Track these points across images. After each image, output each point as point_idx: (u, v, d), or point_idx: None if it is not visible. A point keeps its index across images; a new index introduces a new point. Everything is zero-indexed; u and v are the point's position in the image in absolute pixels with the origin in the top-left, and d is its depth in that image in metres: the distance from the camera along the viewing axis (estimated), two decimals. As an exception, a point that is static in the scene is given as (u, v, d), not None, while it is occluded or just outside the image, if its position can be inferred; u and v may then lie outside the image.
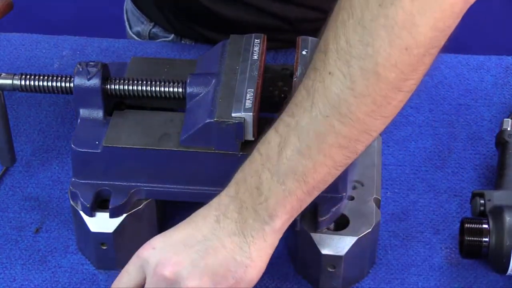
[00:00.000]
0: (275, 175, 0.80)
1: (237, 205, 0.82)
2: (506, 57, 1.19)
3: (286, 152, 0.79)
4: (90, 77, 0.93)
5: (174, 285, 0.81)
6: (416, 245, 0.98)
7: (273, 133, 0.81)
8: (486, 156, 1.07)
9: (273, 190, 0.80)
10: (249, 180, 0.81)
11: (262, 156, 0.81)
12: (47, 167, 1.06)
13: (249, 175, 0.82)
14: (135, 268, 0.84)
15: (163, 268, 0.82)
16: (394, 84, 0.76)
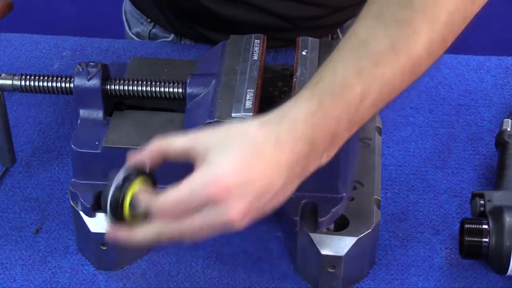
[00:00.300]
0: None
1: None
2: (506, 58, 1.19)
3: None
4: (90, 77, 0.93)
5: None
6: (416, 245, 0.98)
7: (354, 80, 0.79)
8: (486, 157, 1.07)
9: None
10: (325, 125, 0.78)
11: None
12: (47, 167, 1.06)
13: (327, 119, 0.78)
14: (200, 200, 0.77)
15: (230, 213, 0.77)
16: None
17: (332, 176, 0.90)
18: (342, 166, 0.90)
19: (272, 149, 0.77)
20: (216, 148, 0.78)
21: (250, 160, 0.76)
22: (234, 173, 0.76)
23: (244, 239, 0.98)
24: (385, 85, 0.81)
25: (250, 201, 0.76)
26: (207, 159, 0.77)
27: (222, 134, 0.79)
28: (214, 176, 0.76)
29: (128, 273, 0.96)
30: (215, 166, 0.77)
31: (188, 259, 0.97)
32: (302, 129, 0.77)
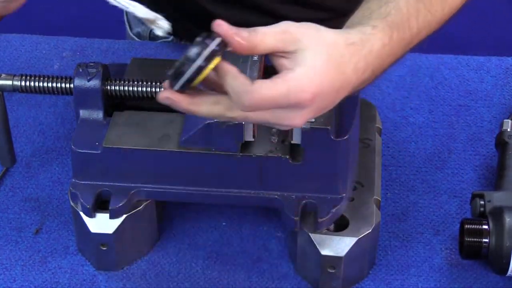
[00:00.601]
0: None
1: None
2: (506, 58, 1.19)
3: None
4: (90, 78, 0.93)
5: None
6: (416, 246, 0.98)
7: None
8: (486, 157, 1.07)
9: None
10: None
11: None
12: (47, 168, 1.06)
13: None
14: (289, 103, 0.77)
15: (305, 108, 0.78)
16: None
17: (332, 176, 0.90)
18: (342, 166, 0.90)
19: (351, 71, 0.79)
20: (309, 51, 0.77)
21: (334, 77, 0.78)
22: (322, 85, 0.77)
23: (244, 239, 0.98)
24: (429, 32, 0.86)
25: (318, 111, 0.79)
26: (301, 59, 0.77)
27: (314, 37, 0.78)
28: (310, 82, 0.76)
29: (128, 274, 0.96)
30: (310, 72, 0.76)
31: (188, 259, 0.97)
32: (373, 59, 0.81)
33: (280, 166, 0.90)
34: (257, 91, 0.75)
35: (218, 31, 0.76)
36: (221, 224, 1.00)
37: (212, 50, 0.75)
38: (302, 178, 0.90)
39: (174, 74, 0.76)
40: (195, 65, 0.75)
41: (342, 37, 0.79)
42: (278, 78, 0.76)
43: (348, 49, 0.79)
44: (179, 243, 0.98)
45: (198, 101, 0.78)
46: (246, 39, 0.76)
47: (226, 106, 0.78)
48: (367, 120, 1.01)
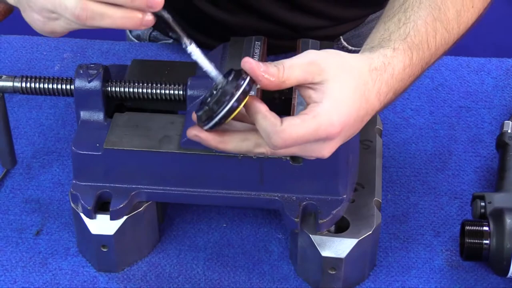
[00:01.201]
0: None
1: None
2: (507, 60, 1.19)
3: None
4: (90, 79, 0.93)
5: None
6: (416, 247, 0.98)
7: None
8: (486, 159, 1.07)
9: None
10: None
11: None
12: (47, 169, 1.06)
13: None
14: (317, 138, 0.78)
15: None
16: None
17: (333, 178, 0.90)
18: (342, 168, 0.90)
19: (374, 97, 0.80)
20: (335, 81, 0.77)
21: (360, 106, 0.78)
22: (350, 116, 0.78)
23: (244, 241, 0.98)
24: (445, 50, 0.87)
25: (344, 140, 0.80)
26: (329, 91, 0.77)
27: (339, 66, 0.78)
28: (338, 115, 0.77)
29: (129, 275, 0.96)
30: (338, 104, 0.77)
31: (189, 261, 0.97)
32: (395, 83, 0.81)
33: (281, 168, 0.90)
34: (287, 131, 0.76)
35: (247, 68, 0.76)
36: (221, 226, 1.00)
37: (243, 90, 0.75)
38: (302, 180, 0.90)
39: (204, 115, 0.76)
40: (227, 107, 0.75)
41: (366, 63, 0.80)
42: (306, 115, 0.77)
43: (371, 75, 0.79)
44: (179, 244, 0.98)
45: (227, 140, 0.79)
46: (276, 76, 0.76)
47: (254, 143, 0.79)
48: (368, 122, 1.01)
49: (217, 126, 0.77)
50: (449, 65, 1.18)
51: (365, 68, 0.79)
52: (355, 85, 0.78)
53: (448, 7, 0.86)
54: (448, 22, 0.86)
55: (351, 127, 0.79)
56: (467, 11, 0.88)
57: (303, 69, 0.77)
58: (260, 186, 0.91)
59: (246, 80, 0.75)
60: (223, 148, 0.79)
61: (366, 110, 0.79)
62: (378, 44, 0.83)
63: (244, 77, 0.75)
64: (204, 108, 0.76)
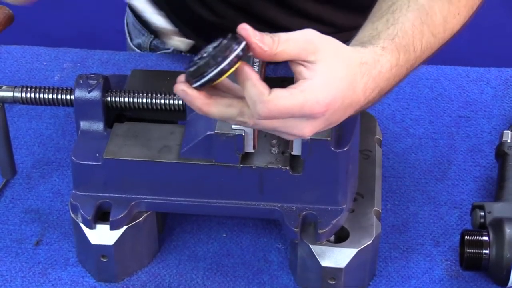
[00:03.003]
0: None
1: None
2: (506, 69, 1.19)
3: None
4: (90, 89, 0.93)
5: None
6: (416, 257, 0.98)
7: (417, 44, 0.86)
8: (486, 168, 1.07)
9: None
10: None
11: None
12: (47, 179, 1.06)
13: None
14: (302, 113, 0.78)
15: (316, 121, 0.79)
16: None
17: (332, 188, 0.90)
18: (342, 178, 0.90)
19: (360, 90, 0.80)
20: (328, 63, 0.78)
21: (346, 93, 0.79)
22: (335, 99, 0.78)
23: (244, 251, 0.98)
24: (430, 54, 0.87)
25: (325, 125, 0.79)
26: (320, 70, 0.77)
27: (334, 51, 0.79)
28: (325, 94, 0.77)
29: (128, 285, 0.95)
30: (326, 84, 0.77)
31: (189, 271, 0.97)
32: (381, 81, 0.82)
33: (281, 178, 0.90)
34: (274, 102, 0.76)
35: (242, 34, 0.76)
36: (221, 236, 1.00)
37: (237, 54, 0.75)
38: (302, 190, 0.91)
39: (194, 72, 0.76)
40: (219, 67, 0.75)
41: (357, 55, 0.80)
42: (295, 89, 0.77)
43: (361, 68, 0.80)
44: (179, 254, 0.98)
45: (212, 102, 0.78)
46: (269, 47, 0.76)
47: (239, 111, 0.78)
48: (367, 132, 1.01)
49: (205, 86, 0.76)
50: (448, 75, 1.18)
51: (356, 59, 0.80)
52: (345, 73, 0.78)
53: (435, 12, 0.87)
54: (434, 27, 0.87)
55: (335, 112, 0.79)
56: (453, 17, 0.89)
57: (299, 45, 0.77)
58: (259, 196, 0.91)
59: (241, 45, 0.75)
60: (206, 111, 0.78)
61: (351, 101, 0.79)
62: (368, 41, 0.83)
63: (239, 41, 0.75)
64: (196, 65, 0.76)
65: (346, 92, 0.78)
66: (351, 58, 0.80)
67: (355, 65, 0.80)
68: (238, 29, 0.76)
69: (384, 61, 0.82)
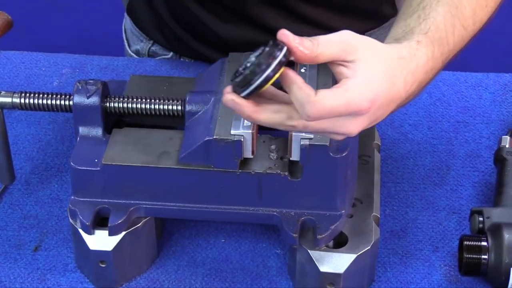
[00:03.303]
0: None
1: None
2: (504, 75, 1.19)
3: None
4: (89, 95, 0.93)
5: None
6: (415, 262, 0.98)
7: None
8: (484, 174, 1.07)
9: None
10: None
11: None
12: (46, 185, 1.06)
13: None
14: (348, 112, 0.80)
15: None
16: None
17: (331, 193, 0.90)
18: (341, 183, 0.90)
19: (401, 85, 0.82)
20: (367, 61, 0.80)
21: (388, 89, 0.81)
22: (378, 95, 0.80)
23: (243, 256, 0.98)
24: (462, 46, 0.90)
25: (371, 121, 0.82)
26: (360, 69, 0.80)
27: (371, 49, 0.81)
28: (369, 91, 0.79)
29: (127, 291, 0.95)
30: (368, 81, 0.79)
31: (187, 277, 0.97)
32: (419, 74, 0.84)
33: (279, 183, 0.90)
34: (321, 102, 0.78)
35: (283, 40, 0.78)
36: (220, 241, 1.00)
37: (280, 60, 0.77)
38: (301, 195, 0.91)
39: (241, 82, 0.77)
40: (264, 75, 0.76)
41: (394, 51, 0.83)
42: (339, 88, 0.79)
43: (399, 63, 0.82)
44: (178, 260, 0.98)
45: (261, 109, 0.79)
46: (310, 50, 0.78)
47: (287, 115, 0.80)
48: (366, 137, 1.01)
49: (252, 94, 0.78)
50: (447, 80, 1.18)
51: (393, 55, 0.82)
52: (385, 69, 0.81)
53: (464, 5, 0.89)
54: (465, 20, 0.89)
55: (379, 108, 0.81)
56: (482, 9, 0.91)
57: (337, 47, 0.79)
58: (258, 201, 0.92)
59: (283, 51, 0.77)
60: (256, 118, 0.80)
61: (393, 96, 0.82)
62: (402, 37, 0.86)
63: (281, 47, 0.77)
64: (242, 75, 0.78)
65: (387, 87, 0.81)
66: (389, 55, 0.82)
67: (393, 61, 0.82)
68: (278, 35, 0.78)
69: (420, 55, 0.84)
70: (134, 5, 1.23)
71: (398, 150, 1.10)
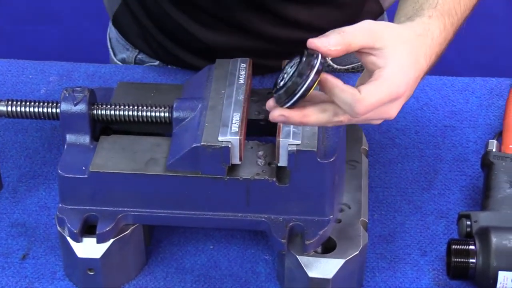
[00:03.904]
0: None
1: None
2: (491, 79, 1.19)
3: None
4: (76, 102, 0.93)
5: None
6: (403, 267, 0.98)
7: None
8: (472, 178, 1.07)
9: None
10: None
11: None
12: (34, 193, 1.06)
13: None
14: (390, 100, 0.84)
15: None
16: None
17: (319, 199, 0.91)
18: (328, 189, 0.91)
19: (423, 60, 0.88)
20: (394, 47, 0.85)
21: (415, 67, 0.86)
22: (410, 76, 0.85)
23: (232, 262, 0.98)
24: (467, 15, 0.95)
25: (406, 100, 0.87)
26: (390, 55, 0.84)
27: (393, 34, 0.86)
28: (403, 76, 0.84)
29: (116, 298, 0.95)
30: (400, 67, 0.84)
31: (176, 283, 0.96)
32: (435, 46, 0.89)
33: (267, 189, 0.90)
34: (367, 98, 0.82)
35: (312, 48, 0.82)
36: (208, 248, 1.00)
37: (317, 69, 0.81)
38: (289, 201, 0.91)
39: (285, 93, 0.81)
40: (307, 83, 0.81)
41: (411, 31, 0.87)
42: (378, 81, 0.83)
43: (418, 40, 0.87)
44: (166, 267, 0.98)
45: (308, 113, 0.83)
46: (341, 44, 0.82)
47: (333, 112, 0.84)
48: (353, 142, 1.01)
49: (298, 102, 0.82)
50: (434, 84, 1.18)
51: (412, 35, 0.87)
52: (409, 50, 0.86)
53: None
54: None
55: (411, 87, 0.86)
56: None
57: (365, 34, 0.84)
58: (246, 207, 0.92)
59: (319, 58, 0.81)
60: (306, 122, 0.83)
61: (420, 72, 0.87)
62: (414, 14, 0.90)
63: (316, 55, 0.81)
64: (285, 87, 0.81)
65: (415, 66, 0.86)
66: (409, 36, 0.87)
67: (413, 40, 0.87)
68: (308, 45, 0.82)
69: (433, 28, 0.89)
70: (119, 16, 1.23)
71: (385, 155, 1.10)
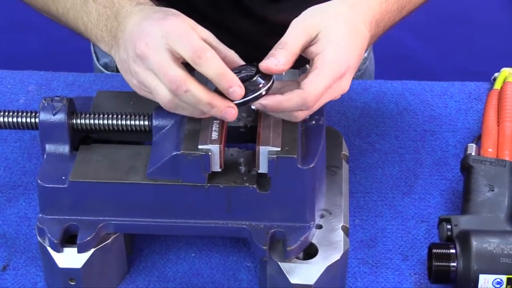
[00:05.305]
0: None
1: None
2: (469, 83, 1.20)
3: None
4: (55, 112, 0.93)
5: None
6: (385, 271, 0.98)
7: None
8: (452, 181, 1.08)
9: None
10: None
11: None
12: (13, 203, 1.05)
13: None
14: (334, 81, 0.87)
15: None
16: None
17: (300, 205, 0.91)
18: (309, 195, 0.91)
19: (361, 25, 0.90)
20: (328, 29, 0.88)
21: (354, 36, 0.89)
22: (350, 50, 0.88)
23: (213, 270, 0.98)
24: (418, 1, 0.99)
25: (355, 69, 0.89)
26: (325, 39, 0.87)
27: (325, 17, 0.88)
28: (342, 54, 0.87)
29: (98, 308, 0.95)
30: (337, 46, 0.87)
31: (158, 292, 0.96)
32: (374, 14, 0.92)
33: (248, 196, 0.90)
34: (313, 91, 0.86)
35: (266, 71, 0.86)
36: (190, 256, 1.00)
37: (269, 85, 0.87)
38: (270, 207, 0.91)
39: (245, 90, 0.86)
40: (258, 93, 0.87)
41: (344, 4, 0.90)
42: (317, 69, 0.86)
43: (353, 9, 0.90)
44: (148, 275, 0.98)
45: (285, 99, 0.87)
46: (289, 56, 0.86)
47: (290, 113, 0.89)
48: (334, 148, 1.02)
49: (243, 105, 0.87)
50: (413, 89, 1.19)
51: (344, 7, 0.90)
52: (344, 25, 0.88)
53: None
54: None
55: (356, 59, 0.88)
56: None
57: (302, 34, 0.87)
58: (227, 215, 0.91)
59: (272, 80, 0.87)
60: (284, 106, 0.87)
61: (360, 38, 0.89)
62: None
63: (268, 77, 0.87)
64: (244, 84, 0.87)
65: (353, 35, 0.88)
66: (340, 9, 0.89)
67: (346, 11, 0.89)
68: (260, 68, 0.86)
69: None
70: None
71: (365, 160, 1.10)
